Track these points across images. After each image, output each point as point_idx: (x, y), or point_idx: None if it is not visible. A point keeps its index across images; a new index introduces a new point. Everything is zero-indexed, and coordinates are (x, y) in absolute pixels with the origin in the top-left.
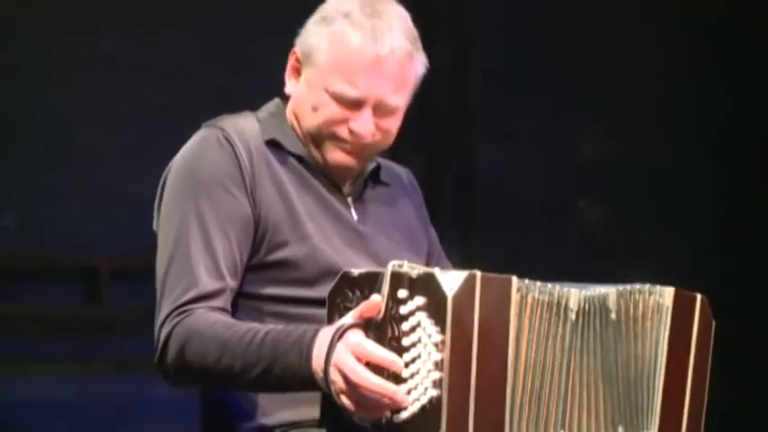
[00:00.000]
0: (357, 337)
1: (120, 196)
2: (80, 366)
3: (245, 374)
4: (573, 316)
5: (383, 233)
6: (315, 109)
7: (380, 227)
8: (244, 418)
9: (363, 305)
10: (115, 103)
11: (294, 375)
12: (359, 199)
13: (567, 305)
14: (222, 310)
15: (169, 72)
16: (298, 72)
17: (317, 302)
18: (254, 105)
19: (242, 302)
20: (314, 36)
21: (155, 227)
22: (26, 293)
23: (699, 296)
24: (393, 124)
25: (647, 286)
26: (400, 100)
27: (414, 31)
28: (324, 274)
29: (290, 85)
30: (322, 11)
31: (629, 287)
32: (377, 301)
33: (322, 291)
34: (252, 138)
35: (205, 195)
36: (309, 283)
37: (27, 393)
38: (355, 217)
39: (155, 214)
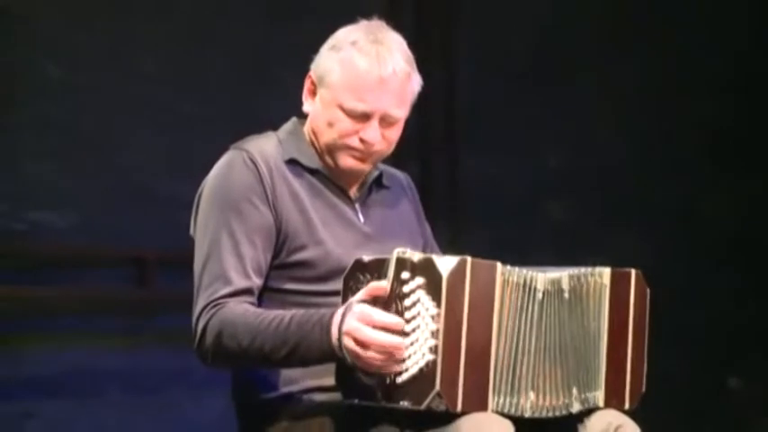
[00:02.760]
0: (362, 307)
1: (162, 195)
2: (130, 340)
3: (275, 354)
4: (539, 296)
5: (386, 232)
6: (330, 125)
7: (384, 227)
8: (270, 385)
9: (371, 286)
10: (157, 114)
11: (317, 350)
12: (365, 203)
13: (535, 286)
14: (249, 303)
15: (201, 88)
16: (313, 93)
17: (331, 294)
18: (272, 118)
19: (267, 295)
20: (326, 61)
21: (191, 232)
22: (84, 279)
23: (633, 271)
24: (395, 134)
25: (590, 269)
26: (401, 112)
27: (410, 54)
28: (335, 271)
29: (308, 105)
30: (332, 40)
31: (576, 270)
32: (383, 284)
33: (334, 285)
34: (272, 158)
35: (234, 209)
36: (323, 279)
37: (85, 362)
38: (362, 219)
39: (191, 222)
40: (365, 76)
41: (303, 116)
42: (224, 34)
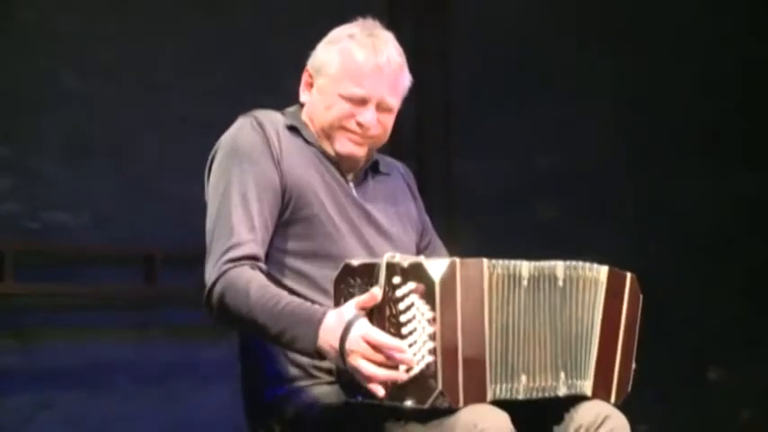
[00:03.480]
0: (365, 328)
1: (170, 198)
2: (138, 333)
3: (266, 330)
4: (525, 283)
5: (378, 213)
6: (328, 108)
7: (376, 208)
8: (276, 380)
9: (365, 296)
10: (166, 121)
11: (299, 343)
12: (360, 184)
13: (519, 274)
14: (254, 259)
15: (209, 96)
16: (310, 85)
17: (321, 258)
18: None
19: (271, 254)
20: (324, 54)
21: (206, 195)
22: (96, 275)
23: (629, 274)
24: (389, 121)
25: (588, 264)
26: (395, 101)
27: (401, 50)
28: (331, 236)
29: (304, 96)
30: (329, 37)
31: (573, 263)
32: (376, 293)
33: (328, 249)
34: (278, 123)
35: (243, 166)
36: (321, 237)
37: (96, 354)
38: (356, 196)
39: (205, 182)
40: (363, 64)
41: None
42: (228, 47)
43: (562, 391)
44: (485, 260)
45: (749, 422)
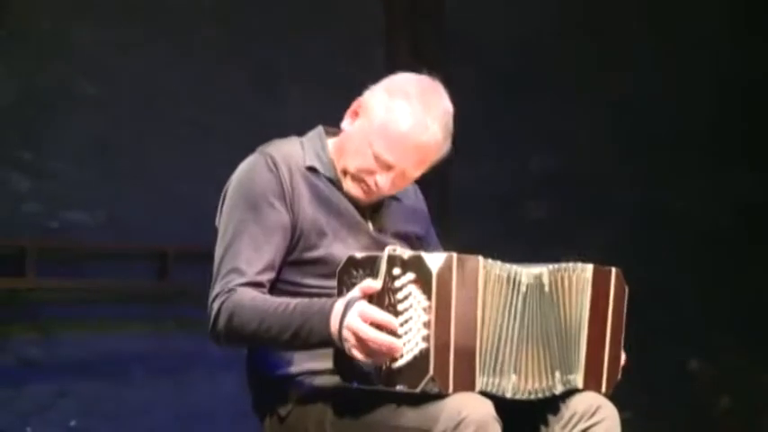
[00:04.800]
0: (362, 305)
1: (181, 197)
2: (152, 326)
3: (280, 337)
4: (524, 288)
5: (392, 235)
6: (356, 153)
7: (391, 234)
8: (278, 366)
9: (366, 284)
10: (178, 126)
11: (317, 336)
12: (375, 212)
13: (520, 280)
14: (257, 285)
15: (217, 104)
16: (356, 115)
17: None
18: (279, 129)
19: (281, 287)
20: (377, 100)
21: (216, 223)
22: (112, 271)
23: (614, 269)
24: (404, 185)
25: (572, 264)
26: (418, 173)
27: (450, 127)
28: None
29: (346, 123)
30: (390, 82)
31: (557, 266)
32: (376, 282)
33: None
34: (294, 162)
35: (255, 207)
36: (331, 276)
37: (112, 346)
38: (371, 227)
39: (218, 213)
40: (404, 135)
41: (329, 125)
42: (240, 56)
43: (558, 390)
44: (481, 258)
45: (728, 409)
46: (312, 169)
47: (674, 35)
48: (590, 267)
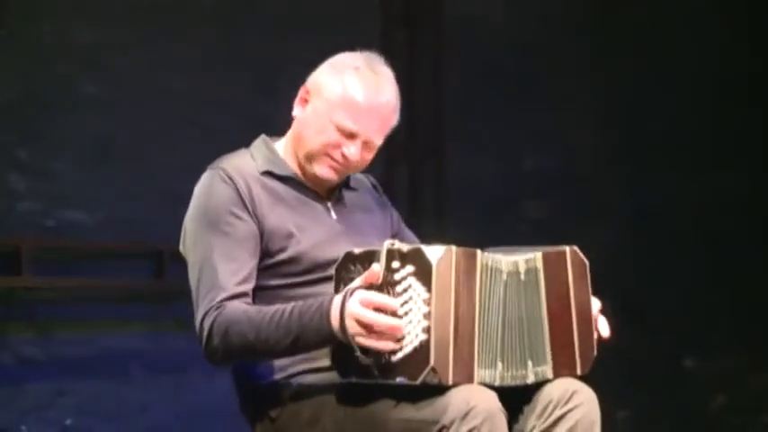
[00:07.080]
0: (362, 292)
1: (177, 196)
2: (150, 325)
3: (280, 344)
4: (504, 276)
5: (356, 228)
6: (318, 132)
7: (354, 223)
8: (266, 372)
9: (366, 273)
10: (177, 125)
11: (318, 336)
12: (336, 203)
13: (500, 268)
14: (242, 296)
15: (215, 102)
16: (306, 102)
17: (313, 282)
18: (276, 128)
19: (259, 294)
20: (326, 78)
21: (181, 250)
22: (109, 270)
23: (567, 248)
24: (370, 156)
25: (533, 253)
26: (380, 140)
27: (398, 90)
28: (314, 266)
29: (297, 111)
30: (334, 61)
31: (525, 255)
32: (377, 270)
33: (315, 275)
34: (247, 170)
35: (220, 222)
36: (304, 272)
37: (110, 345)
38: (334, 217)
39: (180, 243)
40: (362, 102)
41: (271, 135)
42: (239, 55)
43: (530, 380)
44: (479, 251)
45: (724, 407)
46: (267, 173)
47: (674, 35)
48: (539, 255)
